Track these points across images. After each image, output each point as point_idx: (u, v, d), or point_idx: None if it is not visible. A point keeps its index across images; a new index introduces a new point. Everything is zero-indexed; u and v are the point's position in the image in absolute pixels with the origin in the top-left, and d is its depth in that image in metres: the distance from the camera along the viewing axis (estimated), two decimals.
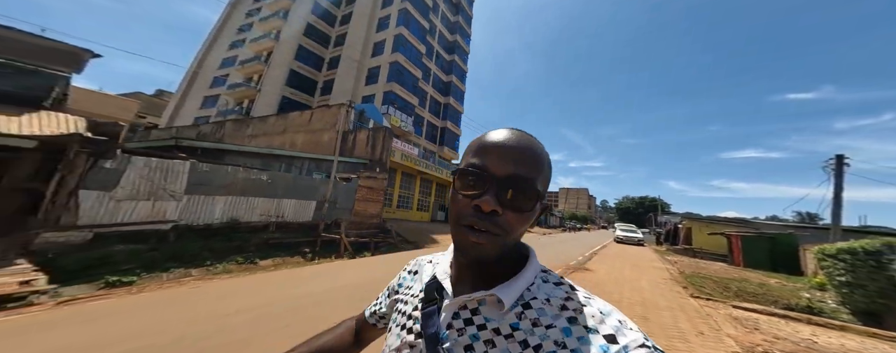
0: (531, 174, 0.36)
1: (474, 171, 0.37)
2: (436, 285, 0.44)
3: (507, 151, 0.37)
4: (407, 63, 21.21)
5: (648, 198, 56.78)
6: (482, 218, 0.35)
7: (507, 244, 0.37)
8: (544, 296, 0.37)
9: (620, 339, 0.31)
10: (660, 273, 7.35)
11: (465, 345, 0.36)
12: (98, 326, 2.43)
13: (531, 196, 0.36)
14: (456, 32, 28.52)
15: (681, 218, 17.69)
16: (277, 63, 20.82)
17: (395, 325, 0.45)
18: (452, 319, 0.39)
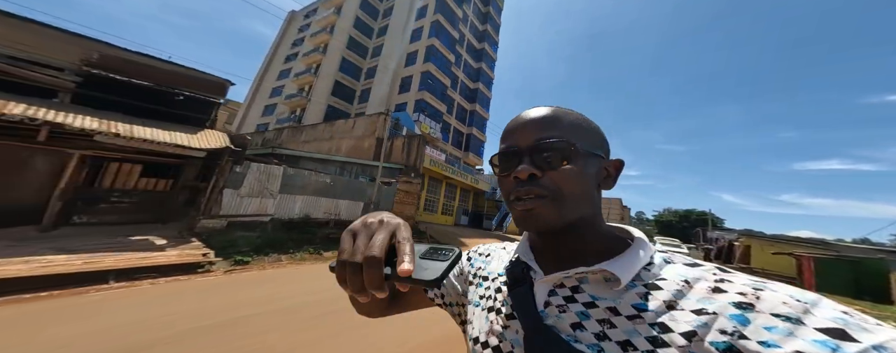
0: (557, 133, 0.36)
1: (505, 151, 0.38)
2: (520, 266, 0.41)
3: (527, 123, 0.38)
4: (437, 72, 22.94)
5: (695, 211, 52.72)
6: (523, 185, 0.35)
7: (567, 208, 0.34)
8: (678, 277, 0.32)
9: (860, 336, 0.23)
10: None
11: (571, 322, 0.32)
12: (258, 287, 3.73)
13: (566, 151, 0.35)
14: (484, 41, 29.70)
15: (737, 235, 16.62)
16: (324, 74, 23.73)
17: (479, 308, 0.43)
18: (549, 297, 0.36)
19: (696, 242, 25.28)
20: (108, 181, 5.61)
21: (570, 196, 0.34)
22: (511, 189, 0.37)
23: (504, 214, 22.14)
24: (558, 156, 0.35)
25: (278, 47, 29.76)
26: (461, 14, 26.39)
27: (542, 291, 0.37)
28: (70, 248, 4.09)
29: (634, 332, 0.29)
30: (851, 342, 0.22)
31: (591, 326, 0.31)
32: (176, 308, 2.90)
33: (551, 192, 0.34)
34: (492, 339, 0.37)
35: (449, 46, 24.42)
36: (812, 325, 0.24)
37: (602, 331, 0.30)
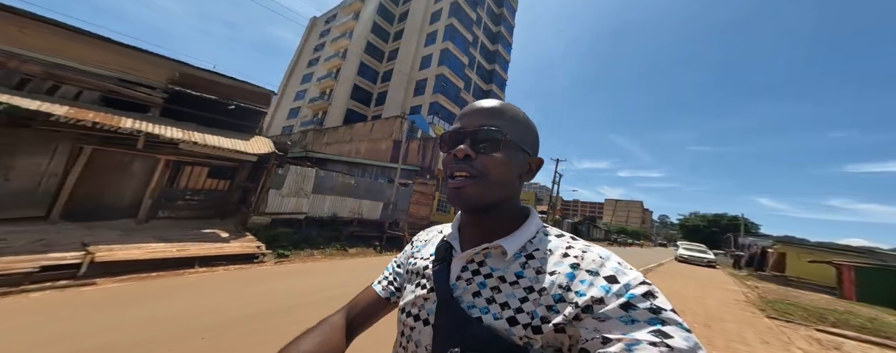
0: (498, 124, 0.42)
1: (453, 131, 0.45)
2: (445, 245, 0.49)
3: (476, 110, 0.44)
4: (451, 75, 23.74)
5: (726, 216, 50.13)
6: (458, 162, 0.42)
7: (490, 189, 0.42)
8: (546, 247, 0.42)
9: (621, 278, 0.35)
10: (732, 295, 6.81)
11: (473, 292, 0.41)
12: (303, 278, 4.32)
13: (499, 141, 0.41)
14: (497, 42, 30.16)
15: (773, 241, 16.24)
16: (344, 78, 25.10)
17: (410, 284, 0.51)
18: (461, 272, 0.44)
19: (726, 248, 24.54)
20: (183, 182, 6.86)
21: (494, 179, 0.42)
22: (448, 165, 0.44)
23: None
24: (492, 143, 0.42)
25: (301, 53, 31.54)
26: (475, 17, 26.99)
27: (456, 266, 0.45)
28: (164, 238, 5.26)
29: (512, 295, 0.38)
30: (616, 283, 0.35)
31: (485, 292, 0.40)
32: (252, 291, 3.67)
33: (480, 173, 0.41)
34: (414, 309, 0.46)
35: (463, 49, 25.13)
36: (602, 275, 0.36)
37: (491, 296, 0.39)
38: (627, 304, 0.32)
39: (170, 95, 6.54)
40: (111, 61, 5.79)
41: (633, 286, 0.34)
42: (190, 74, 6.92)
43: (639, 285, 0.34)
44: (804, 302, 6.87)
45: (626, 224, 71.63)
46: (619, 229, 58.46)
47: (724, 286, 8.49)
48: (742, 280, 11.06)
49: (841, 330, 4.31)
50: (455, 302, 0.41)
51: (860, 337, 4.06)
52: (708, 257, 16.21)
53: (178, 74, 6.69)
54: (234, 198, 7.94)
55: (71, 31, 5.26)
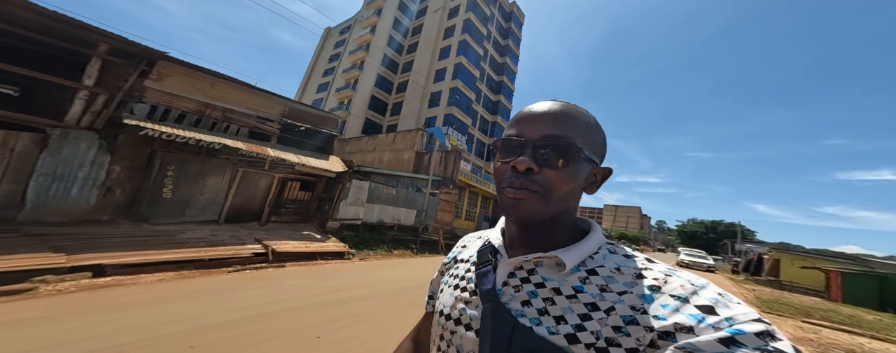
0: (566, 132, 0.39)
1: (510, 138, 0.41)
2: (489, 249, 0.47)
3: (539, 115, 0.41)
4: (464, 88, 26.46)
5: (723, 223, 52.58)
6: (518, 177, 0.39)
7: (552, 204, 0.39)
8: (613, 265, 0.39)
9: (721, 311, 0.30)
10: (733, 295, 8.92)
11: (521, 300, 0.39)
12: (387, 271, 5.87)
13: (568, 152, 0.38)
14: (505, 55, 33.04)
15: (769, 248, 17.29)
16: (362, 90, 27.71)
17: (448, 286, 0.49)
18: (508, 278, 0.42)
19: (723, 254, 25.98)
20: (286, 194, 9.42)
21: (557, 195, 0.39)
22: (505, 176, 0.41)
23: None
24: (559, 156, 0.38)
25: (316, 62, 34.10)
26: (485, 32, 29.83)
27: (502, 272, 0.43)
28: (287, 237, 7.79)
29: (569, 309, 0.36)
30: (714, 315, 0.30)
31: (537, 302, 0.38)
32: (371, 277, 5.19)
33: (543, 189, 0.38)
34: (454, 312, 0.44)
35: (475, 63, 27.91)
36: (694, 303, 0.32)
37: (544, 307, 0.37)
38: (730, 339, 0.27)
39: (282, 126, 9.13)
40: (252, 102, 8.35)
41: (742, 322, 0.29)
42: (293, 108, 9.51)
43: (750, 322, 0.29)
44: (794, 302, 7.92)
45: (625, 230, 73.75)
46: (620, 234, 59.78)
47: (720, 285, 10.04)
48: (740, 284, 12.09)
49: (820, 322, 5.53)
50: (503, 307, 0.39)
51: (835, 326, 5.30)
52: (708, 263, 17.48)
53: (287, 109, 9.29)
54: (314, 206, 10.54)
55: (232, 82, 7.81)
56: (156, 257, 4.37)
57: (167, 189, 6.48)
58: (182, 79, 6.78)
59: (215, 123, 7.45)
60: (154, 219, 6.24)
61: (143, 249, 4.55)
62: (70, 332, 2.24)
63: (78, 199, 5.27)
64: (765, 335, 0.28)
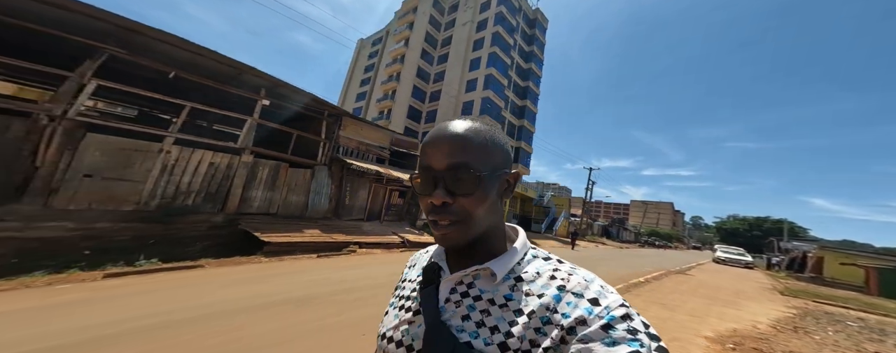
0: (467, 159, 0.44)
1: (421, 172, 0.47)
2: (433, 267, 0.52)
3: (440, 144, 0.45)
4: (494, 97, 30.73)
5: (769, 220, 51.85)
6: (439, 211, 0.44)
7: (475, 227, 0.45)
8: (534, 269, 0.46)
9: (602, 301, 0.40)
10: (760, 285, 9.46)
11: (462, 315, 0.44)
12: None
13: (473, 179, 0.43)
14: (530, 61, 37.05)
15: (818, 246, 18.33)
16: (400, 100, 32.39)
17: (393, 308, 0.54)
18: (450, 294, 0.47)
19: (768, 253, 26.28)
20: (392, 200, 14.09)
21: (477, 218, 0.45)
22: (429, 210, 0.46)
23: (552, 219, 29.41)
24: (467, 184, 0.43)
25: (353, 73, 39.03)
26: (512, 42, 33.96)
27: (445, 289, 0.48)
28: (404, 231, 12.39)
29: (502, 318, 0.42)
30: (598, 305, 0.39)
31: (475, 316, 0.43)
32: None
33: (462, 217, 0.44)
34: (396, 334, 0.48)
35: (503, 73, 32.11)
36: (586, 297, 0.41)
37: (481, 319, 0.43)
38: (608, 325, 0.37)
39: (390, 152, 13.78)
40: (376, 137, 12.99)
41: (613, 308, 0.39)
42: (396, 138, 14.14)
43: (618, 308, 0.39)
44: (823, 293, 9.09)
45: (657, 226, 73.55)
46: (651, 232, 60.22)
47: (755, 280, 11.32)
48: (776, 278, 13.51)
49: (828, 301, 6.83)
50: (444, 326, 0.43)
51: (839, 305, 6.44)
52: (746, 260, 18.36)
53: (393, 138, 13.92)
54: (405, 209, 15.26)
55: (368, 124, 12.42)
56: (371, 239, 8.98)
57: (348, 199, 11.16)
58: (350, 127, 11.44)
59: (361, 154, 12.12)
60: (345, 217, 10.92)
61: (363, 236, 9.16)
62: (370, 267, 6.50)
63: (322, 205, 9.98)
64: (625, 316, 0.38)
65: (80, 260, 4.04)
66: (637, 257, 16.67)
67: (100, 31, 5.23)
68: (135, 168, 5.49)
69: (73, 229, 4.48)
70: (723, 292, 7.19)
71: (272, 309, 3.28)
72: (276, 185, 8.70)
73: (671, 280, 8.50)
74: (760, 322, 4.84)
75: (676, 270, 11.39)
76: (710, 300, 6.17)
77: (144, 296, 3.37)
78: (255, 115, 8.08)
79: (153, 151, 5.78)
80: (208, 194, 6.83)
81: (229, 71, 7.42)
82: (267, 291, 3.86)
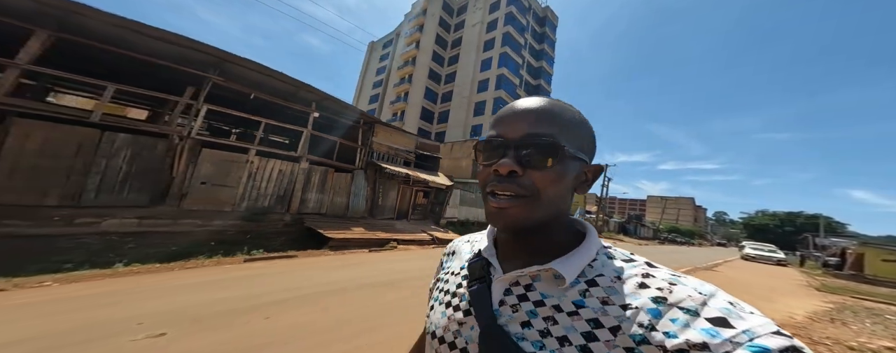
0: (549, 130, 0.40)
1: (491, 140, 0.42)
2: (481, 262, 0.47)
3: (519, 114, 0.42)
4: (507, 96, 31.76)
5: (803, 214, 49.78)
6: (502, 181, 0.40)
7: (541, 209, 0.40)
8: (613, 273, 0.39)
9: (736, 323, 0.30)
10: (796, 282, 9.25)
11: (521, 321, 0.39)
12: None
13: (553, 151, 0.39)
14: (541, 59, 37.94)
15: (858, 242, 18.11)
16: (413, 103, 33.71)
17: (439, 303, 0.49)
18: (504, 295, 0.42)
19: (802, 249, 25.37)
20: (417, 200, 15.39)
21: (545, 198, 0.40)
22: (488, 181, 0.42)
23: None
24: (544, 155, 0.39)
25: (365, 75, 40.55)
26: (523, 41, 34.92)
27: (498, 289, 0.43)
28: (430, 229, 13.64)
29: (572, 328, 0.36)
30: (729, 328, 0.30)
31: (538, 323, 0.38)
32: None
33: (529, 192, 0.39)
34: (448, 335, 0.44)
35: (514, 72, 33.12)
36: (704, 315, 0.32)
37: (546, 328, 0.37)
38: None
39: (415, 155, 15.07)
40: (403, 141, 14.28)
41: (761, 336, 0.29)
42: (420, 142, 15.43)
43: (770, 336, 0.29)
44: (863, 290, 8.88)
45: (677, 223, 71.18)
46: (671, 228, 58.93)
47: (789, 277, 11.10)
48: (812, 275, 13.22)
49: (868, 297, 6.77)
50: (502, 331, 0.39)
51: (880, 301, 6.45)
52: (777, 256, 17.90)
53: (418, 142, 15.21)
54: (429, 208, 16.55)
55: (397, 129, 13.70)
56: (406, 237, 10.25)
57: (380, 199, 12.48)
58: (382, 133, 12.75)
59: (390, 158, 13.43)
60: (378, 216, 12.25)
61: (398, 233, 10.44)
62: (416, 260, 7.86)
63: (360, 206, 11.31)
64: (790, 350, 0.27)
65: (215, 249, 5.39)
66: (658, 253, 17.06)
67: (202, 61, 6.59)
68: (231, 176, 6.85)
69: (199, 225, 5.84)
70: (755, 289, 7.23)
71: (367, 290, 4.12)
72: (325, 188, 10.05)
73: (698, 276, 8.36)
74: (797, 314, 4.92)
75: (703, 267, 11.35)
76: (742, 295, 6.34)
77: (278, 276, 4.64)
78: (308, 126, 9.42)
79: (242, 162, 7.14)
80: (278, 197, 8.19)
81: (290, 88, 8.77)
82: (356, 275, 5.01)
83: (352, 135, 11.73)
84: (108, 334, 2.31)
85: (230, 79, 6.95)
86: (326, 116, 10.77)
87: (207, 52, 6.31)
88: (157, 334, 2.36)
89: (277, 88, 8.55)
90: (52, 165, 4.38)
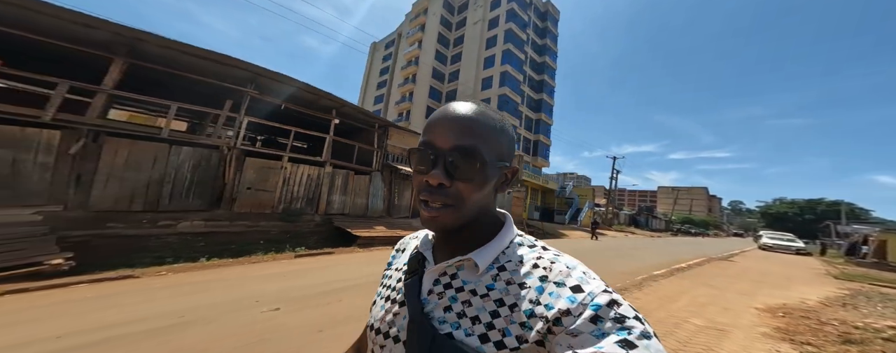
0: (474, 143, 0.44)
1: (422, 149, 0.46)
2: (418, 257, 0.53)
3: (449, 123, 0.45)
4: (511, 93, 32.34)
5: (824, 201, 49.41)
6: (433, 192, 0.44)
7: (467, 213, 0.45)
8: (517, 258, 0.47)
9: (585, 288, 0.39)
10: (813, 270, 9.39)
11: (444, 307, 0.45)
12: None
13: (477, 165, 0.43)
14: (544, 54, 38.38)
15: (882, 228, 17.80)
16: (418, 102, 34.46)
17: (380, 298, 0.55)
18: (433, 285, 0.48)
19: (823, 238, 25.35)
20: None
21: (470, 204, 0.45)
22: (421, 189, 0.46)
23: (576, 210, 30.89)
24: (469, 168, 0.43)
25: (369, 77, 41.37)
26: (525, 37, 35.40)
27: (428, 280, 0.49)
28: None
29: (483, 308, 0.42)
30: (581, 292, 0.39)
31: (456, 307, 0.44)
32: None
33: (456, 201, 0.44)
34: (383, 325, 0.50)
35: (518, 68, 33.65)
36: (568, 285, 0.40)
37: (462, 310, 0.43)
38: (595, 316, 0.36)
39: None
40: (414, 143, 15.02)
41: (597, 294, 0.38)
42: None
43: (601, 294, 0.38)
44: (884, 277, 8.76)
45: (690, 213, 70.47)
46: (684, 219, 58.16)
47: (808, 266, 10.97)
48: (831, 264, 12.96)
49: (887, 284, 6.83)
50: (426, 318, 0.44)
51: (892, 286, 6.61)
52: (796, 245, 17.49)
53: None
54: None
55: (407, 131, 14.48)
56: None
57: (396, 199, 13.28)
58: (395, 135, 13.53)
59: (404, 159, 14.22)
60: (395, 215, 13.06)
61: (415, 230, 11.27)
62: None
63: (378, 206, 12.13)
64: (612, 303, 0.37)
65: (265, 247, 6.21)
66: (672, 245, 16.89)
67: (241, 77, 7.40)
68: (269, 181, 7.67)
69: (248, 226, 6.65)
70: (771, 277, 7.37)
71: None
72: (347, 190, 10.86)
73: (714, 266, 8.64)
74: (810, 300, 5.15)
75: (719, 257, 11.44)
76: (758, 283, 6.51)
77: (328, 269, 5.42)
78: (330, 132, 10.23)
79: (277, 168, 7.96)
80: (308, 199, 9.01)
81: (312, 98, 9.57)
82: None
83: (368, 138, 12.52)
84: (241, 307, 3.12)
85: (264, 92, 7.75)
86: (345, 122, 11.57)
87: (246, 68, 7.11)
88: (274, 308, 3.15)
89: (303, 97, 9.35)
90: (135, 177, 5.22)
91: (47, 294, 3.21)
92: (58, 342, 2.28)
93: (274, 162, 7.87)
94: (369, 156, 12.35)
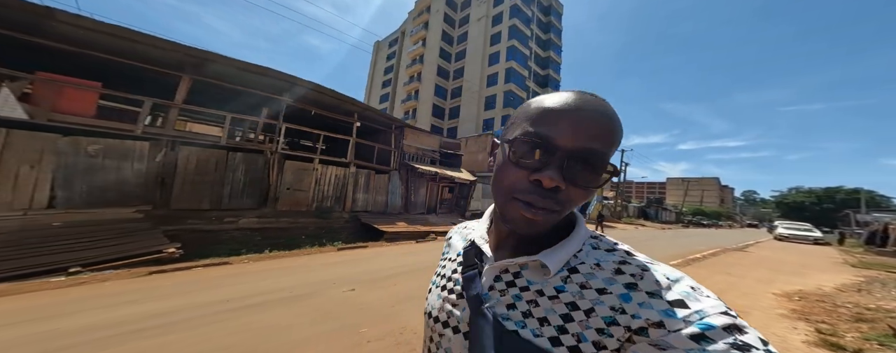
0: (606, 149, 0.39)
1: (537, 141, 0.39)
2: (475, 251, 0.52)
3: (580, 120, 0.39)
4: (517, 89, 32.95)
5: (843, 190, 48.15)
6: (544, 195, 0.39)
7: (563, 216, 0.42)
8: (593, 261, 0.43)
9: (691, 305, 0.34)
10: (830, 259, 9.47)
11: (507, 304, 0.43)
12: None
13: (600, 174, 0.39)
14: (549, 49, 38.83)
15: None
16: (423, 100, 35.20)
17: (436, 287, 0.55)
18: (494, 281, 0.47)
19: (843, 227, 24.55)
20: (442, 195, 17.01)
21: (570, 208, 0.41)
22: (523, 188, 0.40)
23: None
24: (592, 175, 0.39)
25: (373, 76, 42.16)
26: (529, 33, 35.88)
27: (489, 275, 0.48)
28: (457, 222, 15.20)
29: (552, 311, 0.40)
30: (685, 308, 0.34)
31: (521, 305, 0.42)
32: None
33: (562, 208, 0.40)
34: (441, 315, 0.50)
35: (523, 64, 34.21)
36: (666, 298, 0.35)
37: (528, 310, 0.41)
38: (700, 335, 0.31)
39: (440, 153, 16.64)
40: (429, 141, 15.86)
41: (711, 315, 0.33)
42: (443, 141, 16.99)
43: (717, 316, 0.33)
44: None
45: (701, 205, 70.16)
46: (695, 211, 57.55)
47: (825, 255, 11.02)
48: (849, 253, 12.90)
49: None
50: (488, 313, 0.43)
51: None
52: (814, 235, 17.28)
53: (441, 142, 16.76)
54: (454, 202, 18.16)
55: (422, 131, 15.25)
56: (441, 229, 11.84)
57: (413, 196, 14.11)
58: (410, 135, 14.33)
59: (419, 157, 15.03)
60: (412, 212, 13.90)
61: (433, 226, 12.03)
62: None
63: (397, 203, 12.98)
64: (732, 328, 0.31)
65: (308, 241, 7.07)
66: (684, 236, 17.10)
67: (279, 87, 8.23)
68: (304, 182, 8.52)
69: (290, 223, 7.51)
70: (788, 266, 7.57)
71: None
72: (369, 188, 11.71)
73: (730, 256, 8.87)
74: (826, 286, 5.43)
75: (734, 247, 11.70)
76: (775, 271, 6.77)
77: (372, 259, 6.21)
78: (353, 135, 11.05)
79: (310, 169, 8.81)
80: (336, 198, 9.87)
81: (337, 103, 10.39)
82: (420, 260, 5.98)
83: (386, 139, 13.33)
84: (325, 288, 3.94)
85: (296, 99, 8.59)
86: (365, 125, 12.38)
87: (284, 78, 7.94)
88: (350, 289, 3.96)
89: (328, 102, 10.16)
90: (202, 180, 6.09)
91: (183, 274, 4.07)
92: (227, 305, 3.15)
93: (307, 164, 8.72)
94: (387, 155, 13.18)
